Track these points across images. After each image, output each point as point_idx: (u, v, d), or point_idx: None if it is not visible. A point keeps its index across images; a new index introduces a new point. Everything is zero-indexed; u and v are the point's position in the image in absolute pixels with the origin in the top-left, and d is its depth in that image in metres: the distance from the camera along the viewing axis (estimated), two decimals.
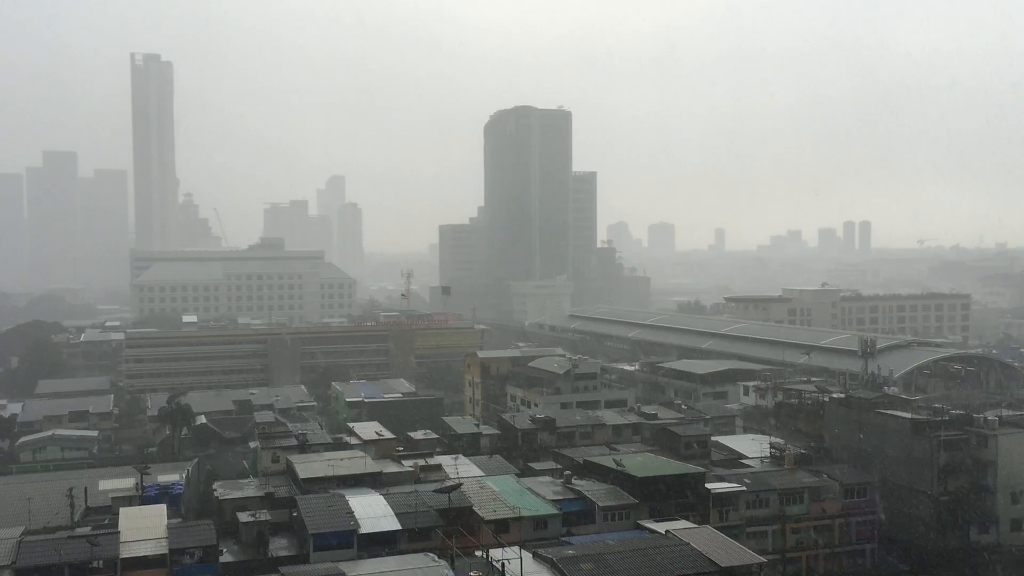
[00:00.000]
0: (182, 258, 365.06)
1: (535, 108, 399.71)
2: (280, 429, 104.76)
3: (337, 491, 78.08)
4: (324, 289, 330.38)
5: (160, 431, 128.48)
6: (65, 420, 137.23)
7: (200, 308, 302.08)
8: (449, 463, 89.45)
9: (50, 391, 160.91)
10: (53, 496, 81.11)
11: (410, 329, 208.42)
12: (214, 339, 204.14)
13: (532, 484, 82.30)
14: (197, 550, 66.88)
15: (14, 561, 63.22)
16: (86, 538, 65.83)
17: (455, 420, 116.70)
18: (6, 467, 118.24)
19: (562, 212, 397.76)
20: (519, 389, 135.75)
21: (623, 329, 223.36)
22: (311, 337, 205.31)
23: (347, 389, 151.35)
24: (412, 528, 71.19)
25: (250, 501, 79.13)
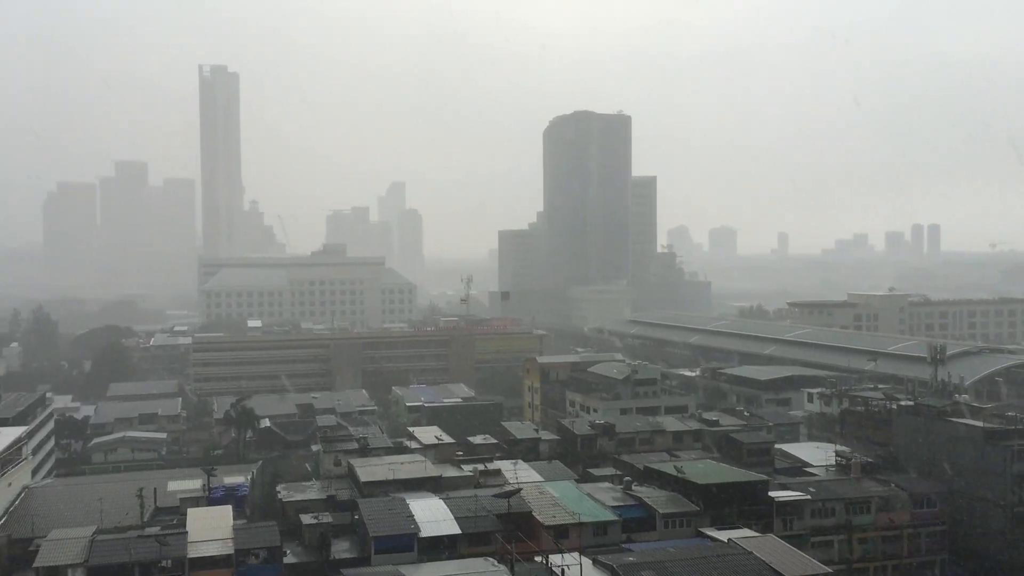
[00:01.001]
0: (248, 264, 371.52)
1: (594, 113, 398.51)
2: (342, 433, 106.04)
3: (397, 495, 78.58)
4: (385, 294, 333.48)
5: (226, 434, 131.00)
6: (135, 422, 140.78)
7: (265, 313, 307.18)
8: (508, 468, 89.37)
9: (121, 394, 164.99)
10: (124, 496, 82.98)
11: (470, 334, 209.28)
12: (278, 344, 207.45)
13: (591, 490, 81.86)
14: (262, 551, 67.96)
15: (87, 559, 64.97)
16: (155, 538, 67.33)
17: (514, 425, 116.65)
18: (79, 468, 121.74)
19: (622, 217, 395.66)
20: (578, 394, 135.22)
21: (683, 334, 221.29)
22: (372, 342, 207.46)
23: (407, 394, 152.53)
24: (472, 532, 71.33)
25: (313, 503, 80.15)
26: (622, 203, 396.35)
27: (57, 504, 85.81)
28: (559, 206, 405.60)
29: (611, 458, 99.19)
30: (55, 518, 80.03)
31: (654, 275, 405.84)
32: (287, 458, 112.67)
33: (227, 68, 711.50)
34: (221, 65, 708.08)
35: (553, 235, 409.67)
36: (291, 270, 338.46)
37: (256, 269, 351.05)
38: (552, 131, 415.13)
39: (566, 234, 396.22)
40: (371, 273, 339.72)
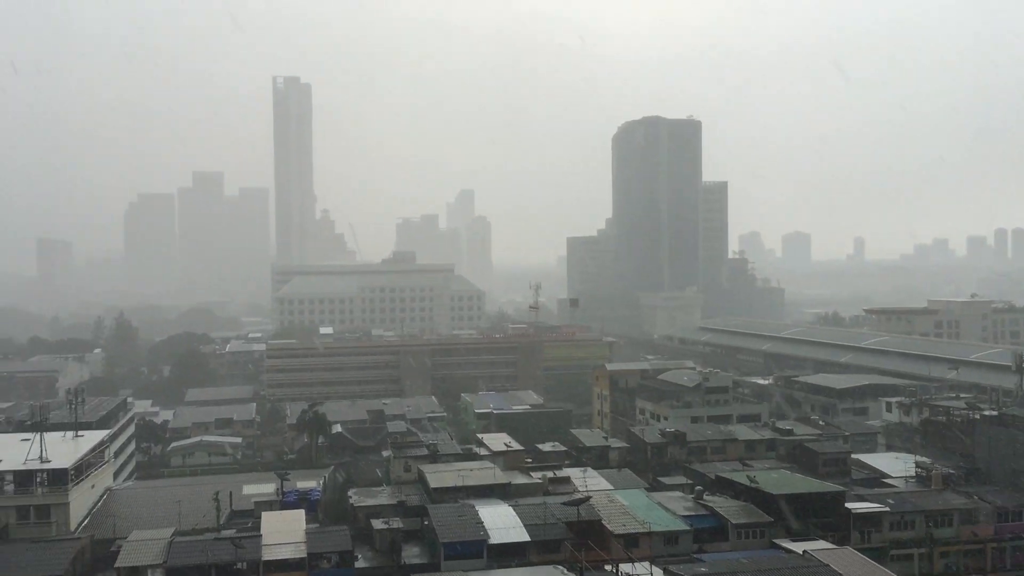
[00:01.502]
0: (319, 272, 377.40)
1: (664, 118, 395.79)
2: (412, 439, 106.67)
3: (467, 501, 78.77)
4: (454, 301, 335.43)
5: (298, 439, 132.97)
6: (212, 427, 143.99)
7: (336, 320, 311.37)
8: (578, 476, 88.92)
9: (198, 399, 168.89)
10: (200, 499, 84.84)
11: (538, 341, 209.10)
12: (349, 350, 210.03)
13: (662, 499, 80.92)
14: (334, 555, 68.72)
15: (165, 560, 66.55)
16: (231, 540, 68.61)
17: (583, 433, 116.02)
18: (158, 471, 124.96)
19: (692, 223, 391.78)
20: (648, 402, 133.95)
21: (756, 342, 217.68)
22: (441, 349, 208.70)
23: (476, 400, 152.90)
24: (541, 540, 71.03)
25: (383, 509, 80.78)
26: (692, 209, 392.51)
27: (137, 506, 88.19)
28: (628, 212, 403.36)
29: (682, 467, 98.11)
30: (135, 519, 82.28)
31: (725, 282, 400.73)
32: (358, 463, 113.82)
33: (300, 79, 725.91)
34: (294, 76, 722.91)
35: (622, 242, 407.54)
36: (362, 278, 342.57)
37: (327, 277, 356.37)
38: (621, 137, 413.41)
39: (635, 240, 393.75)
40: (440, 280, 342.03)
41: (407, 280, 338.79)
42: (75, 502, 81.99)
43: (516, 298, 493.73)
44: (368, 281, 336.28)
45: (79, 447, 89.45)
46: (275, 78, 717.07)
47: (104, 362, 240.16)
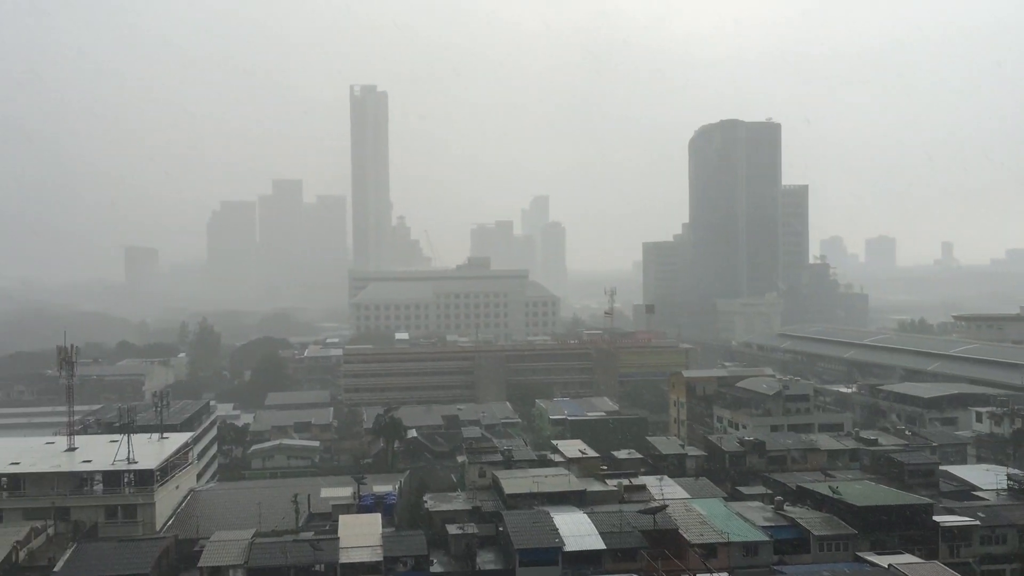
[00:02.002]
0: (395, 278, 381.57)
1: (742, 121, 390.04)
2: (486, 445, 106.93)
3: (542, 508, 78.46)
4: (528, 307, 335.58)
5: (375, 443, 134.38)
6: (291, 430, 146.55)
7: (411, 326, 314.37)
8: (654, 484, 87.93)
9: (277, 403, 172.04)
10: (280, 501, 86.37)
11: (614, 347, 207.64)
12: (424, 356, 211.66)
13: (741, 509, 79.44)
14: (409, 559, 69.17)
15: (247, 561, 67.85)
16: (310, 543, 69.64)
17: (659, 440, 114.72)
18: (239, 473, 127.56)
19: (771, 227, 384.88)
20: (726, 410, 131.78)
21: (838, 349, 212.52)
22: (516, 355, 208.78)
23: (551, 406, 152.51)
24: (617, 548, 70.34)
25: (458, 514, 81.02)
26: (771, 213, 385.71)
27: (219, 507, 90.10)
28: (706, 217, 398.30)
29: (761, 476, 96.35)
30: (218, 520, 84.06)
31: (806, 287, 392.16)
32: (433, 468, 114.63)
33: (376, 87, 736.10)
34: (371, 84, 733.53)
35: (699, 247, 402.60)
36: (437, 283, 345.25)
37: (403, 283, 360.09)
38: (698, 141, 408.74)
39: (713, 246, 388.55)
40: (515, 286, 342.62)
41: (482, 286, 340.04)
42: (160, 502, 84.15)
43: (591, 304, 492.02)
44: (443, 287, 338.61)
45: (164, 449, 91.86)
46: (352, 87, 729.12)
47: (188, 366, 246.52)
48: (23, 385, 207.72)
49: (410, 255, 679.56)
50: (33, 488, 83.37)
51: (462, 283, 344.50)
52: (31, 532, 74.45)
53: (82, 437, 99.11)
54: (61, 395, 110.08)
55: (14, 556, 70.23)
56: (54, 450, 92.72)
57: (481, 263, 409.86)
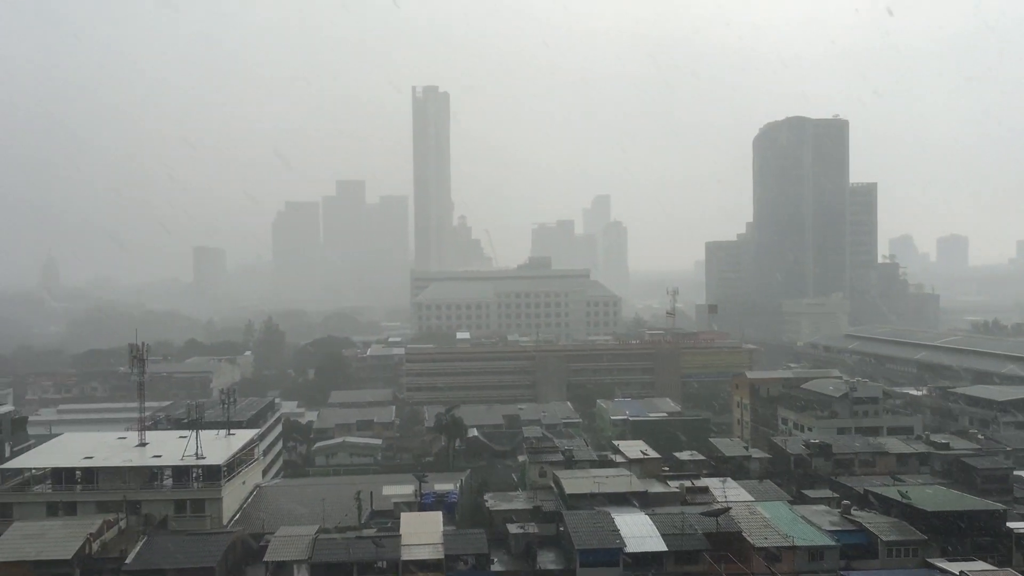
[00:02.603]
0: (456, 278, 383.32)
1: (808, 118, 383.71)
2: (547, 444, 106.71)
3: (602, 508, 78.05)
4: (589, 307, 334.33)
5: (436, 441, 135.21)
6: (353, 428, 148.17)
7: (473, 325, 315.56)
8: (717, 486, 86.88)
9: (341, 401, 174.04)
10: (343, 498, 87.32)
11: (676, 348, 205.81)
12: (485, 355, 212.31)
13: (806, 512, 77.99)
14: (470, 557, 69.37)
15: (310, 556, 68.79)
16: (372, 539, 70.31)
17: (722, 442, 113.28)
18: (303, 469, 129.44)
19: (838, 226, 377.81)
20: (791, 412, 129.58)
21: (907, 351, 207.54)
22: (577, 354, 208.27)
23: (612, 407, 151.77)
24: (679, 550, 69.61)
25: (519, 513, 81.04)
26: (839, 212, 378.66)
27: (284, 503, 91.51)
28: (771, 216, 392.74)
29: (827, 480, 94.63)
30: (282, 516, 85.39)
31: (874, 287, 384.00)
32: (494, 467, 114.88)
33: (438, 88, 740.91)
34: (433, 85, 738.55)
35: (764, 246, 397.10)
36: (498, 283, 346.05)
37: (464, 282, 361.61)
38: (763, 138, 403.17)
39: (778, 245, 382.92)
40: (576, 286, 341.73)
41: (543, 286, 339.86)
42: (227, 497, 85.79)
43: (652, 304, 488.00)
44: (504, 287, 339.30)
45: (231, 445, 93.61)
46: (414, 88, 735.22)
47: (254, 364, 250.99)
48: (97, 382, 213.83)
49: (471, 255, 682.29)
50: (106, 482, 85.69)
51: (523, 283, 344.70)
52: (104, 525, 76.46)
53: (152, 433, 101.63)
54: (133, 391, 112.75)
55: (88, 548, 72.23)
56: (126, 445, 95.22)
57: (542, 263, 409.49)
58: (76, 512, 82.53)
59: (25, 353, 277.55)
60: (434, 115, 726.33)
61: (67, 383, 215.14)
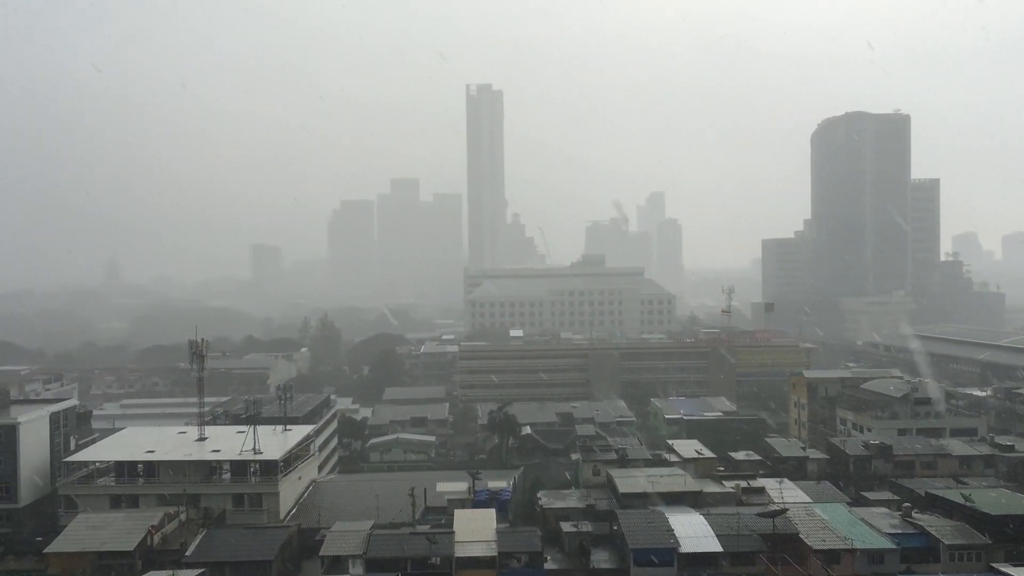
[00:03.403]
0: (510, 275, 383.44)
1: (868, 113, 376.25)
2: (600, 443, 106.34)
3: (656, 508, 77.57)
4: (643, 305, 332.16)
5: (489, 439, 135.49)
6: (407, 425, 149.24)
7: (526, 323, 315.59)
8: (773, 487, 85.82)
9: (395, 398, 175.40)
10: (397, 494, 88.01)
11: (731, 346, 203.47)
12: (539, 353, 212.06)
13: (865, 514, 76.65)
14: (523, 555, 69.40)
15: (365, 551, 69.46)
16: (426, 536, 70.77)
17: (779, 442, 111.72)
18: (358, 465, 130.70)
19: (899, 223, 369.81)
20: (850, 412, 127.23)
21: (972, 350, 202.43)
22: (631, 352, 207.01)
23: (666, 405, 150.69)
24: (734, 551, 68.92)
25: (572, 512, 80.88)
26: (899, 209, 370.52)
27: (339, 498, 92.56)
28: (829, 213, 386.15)
29: (887, 482, 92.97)
30: (338, 511, 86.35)
31: (936, 286, 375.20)
32: (547, 465, 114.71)
33: (492, 86, 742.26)
34: (486, 84, 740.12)
35: (822, 244, 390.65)
36: (551, 281, 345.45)
37: (518, 280, 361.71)
38: (821, 134, 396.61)
39: (836, 242, 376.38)
40: (630, 283, 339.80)
41: (596, 283, 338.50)
42: (284, 492, 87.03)
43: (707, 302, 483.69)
44: (558, 284, 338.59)
45: (288, 440, 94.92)
46: (468, 86, 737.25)
47: (310, 361, 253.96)
48: (158, 377, 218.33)
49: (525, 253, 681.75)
50: (167, 475, 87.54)
51: (577, 280, 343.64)
52: (165, 517, 78.08)
53: (211, 427, 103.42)
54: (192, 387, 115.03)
55: (149, 540, 73.84)
56: (186, 439, 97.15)
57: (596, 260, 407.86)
58: (138, 504, 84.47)
59: (90, 349, 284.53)
60: (488, 113, 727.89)
61: (130, 378, 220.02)
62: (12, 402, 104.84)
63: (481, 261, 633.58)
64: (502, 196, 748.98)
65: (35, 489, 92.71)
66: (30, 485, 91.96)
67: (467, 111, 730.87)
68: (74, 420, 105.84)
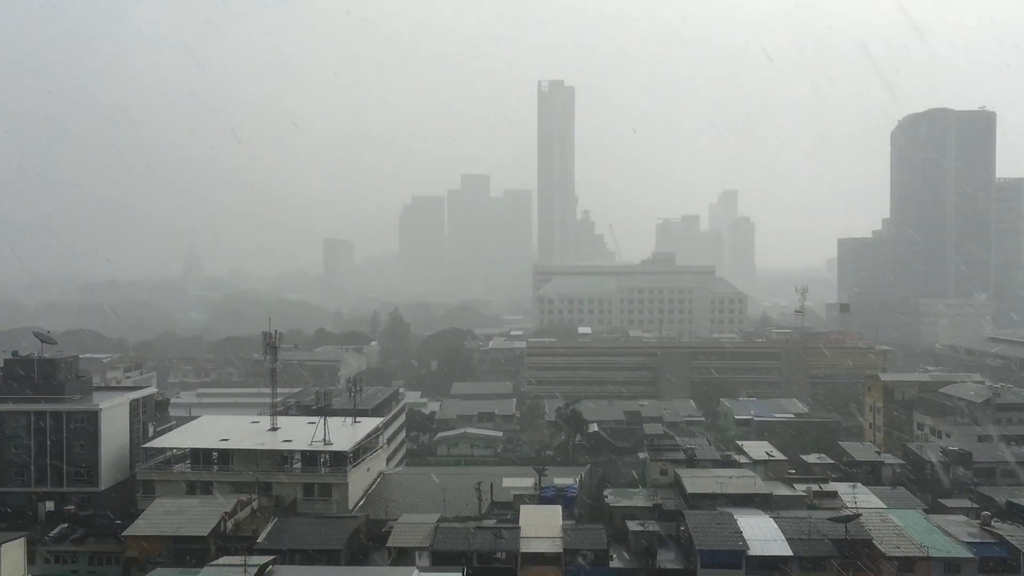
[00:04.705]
0: (579, 272, 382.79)
1: (951, 110, 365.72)
2: (668, 442, 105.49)
3: (725, 509, 76.56)
4: (714, 304, 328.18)
5: (556, 436, 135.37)
6: (475, 420, 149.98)
7: (595, 320, 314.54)
8: (846, 491, 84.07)
9: (462, 393, 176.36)
10: (463, 488, 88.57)
11: (804, 347, 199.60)
12: (607, 350, 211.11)
13: (942, 522, 74.50)
14: (589, 553, 69.19)
15: (432, 544, 70.03)
16: (492, 530, 71.04)
17: (853, 446, 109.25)
18: (425, 459, 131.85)
19: (982, 224, 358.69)
20: (928, 417, 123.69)
21: None
22: (701, 352, 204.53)
23: (736, 406, 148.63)
24: (805, 556, 67.62)
25: (639, 511, 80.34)
26: (983, 209, 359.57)
27: (407, 490, 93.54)
28: (909, 212, 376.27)
29: (967, 489, 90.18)
30: (405, 503, 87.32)
31: (1021, 288, 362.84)
32: (614, 463, 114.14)
33: (563, 82, 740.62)
34: (558, 80, 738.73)
35: (901, 243, 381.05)
36: (620, 278, 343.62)
37: (587, 277, 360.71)
38: (902, 131, 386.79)
39: (916, 242, 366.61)
40: (700, 282, 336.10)
41: (666, 281, 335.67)
42: (353, 483, 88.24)
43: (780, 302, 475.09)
44: (627, 282, 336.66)
45: (357, 432, 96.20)
46: (540, 82, 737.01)
47: (379, 354, 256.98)
48: (233, 367, 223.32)
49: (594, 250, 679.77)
50: (240, 463, 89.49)
51: (646, 278, 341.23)
52: (238, 504, 79.81)
53: (283, 418, 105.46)
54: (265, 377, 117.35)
55: (223, 526, 75.58)
56: (259, 429, 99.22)
57: (666, 258, 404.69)
58: (212, 491, 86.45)
59: (169, 338, 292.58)
60: (559, 109, 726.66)
61: (206, 368, 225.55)
62: (94, 389, 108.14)
63: (550, 258, 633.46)
64: (572, 193, 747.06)
65: (115, 474, 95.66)
66: (110, 469, 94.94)
67: (538, 107, 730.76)
68: (152, 407, 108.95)
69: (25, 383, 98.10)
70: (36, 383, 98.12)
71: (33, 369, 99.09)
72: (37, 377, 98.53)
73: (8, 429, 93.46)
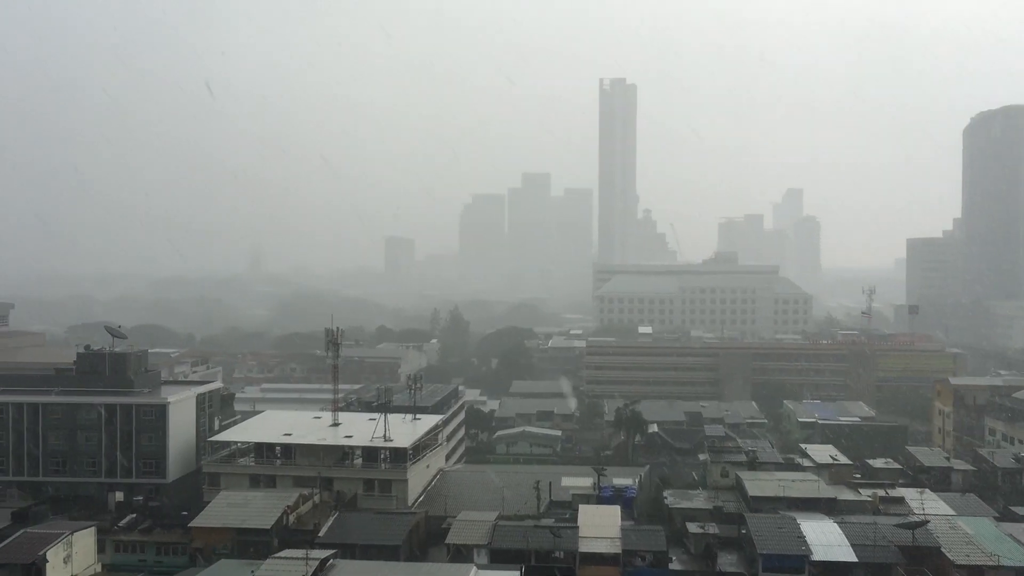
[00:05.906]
0: (640, 271, 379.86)
1: None
2: (730, 444, 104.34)
3: (787, 513, 75.40)
4: (778, 304, 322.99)
5: (615, 436, 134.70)
6: (534, 418, 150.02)
7: (655, 320, 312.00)
8: (914, 497, 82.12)
9: (522, 391, 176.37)
10: (522, 487, 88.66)
11: (871, 349, 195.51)
12: (667, 351, 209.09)
13: (1014, 530, 72.38)
14: (648, 554, 68.79)
15: (490, 542, 70.25)
16: (550, 529, 70.99)
17: (921, 451, 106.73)
18: (484, 456, 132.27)
19: None
20: (1000, 422, 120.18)
21: None
22: (763, 353, 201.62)
23: (800, 408, 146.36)
24: (870, 562, 66.22)
25: (699, 513, 79.55)
26: None
27: (465, 488, 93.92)
28: (981, 211, 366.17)
29: None
30: (464, 500, 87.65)
31: None
32: (674, 465, 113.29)
33: (625, 80, 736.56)
34: (620, 78, 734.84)
35: (973, 243, 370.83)
36: (682, 278, 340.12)
37: (647, 276, 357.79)
38: (974, 129, 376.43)
39: (989, 243, 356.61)
40: (763, 282, 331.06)
41: (729, 281, 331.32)
42: (412, 479, 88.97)
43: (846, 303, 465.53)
44: (688, 281, 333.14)
45: (416, 429, 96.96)
46: (601, 80, 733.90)
47: (439, 352, 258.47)
48: (296, 363, 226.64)
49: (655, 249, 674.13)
50: (302, 458, 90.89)
51: (708, 278, 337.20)
52: (300, 498, 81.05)
53: (344, 414, 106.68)
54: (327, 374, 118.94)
55: (285, 519, 76.83)
56: (320, 424, 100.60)
57: (728, 258, 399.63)
58: (275, 485, 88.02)
59: (234, 334, 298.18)
60: (621, 107, 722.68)
61: (269, 363, 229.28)
62: (163, 383, 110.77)
63: (611, 256, 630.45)
64: (633, 191, 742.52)
65: (182, 466, 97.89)
66: (177, 462, 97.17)
67: (600, 105, 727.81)
68: (218, 402, 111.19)
69: (97, 377, 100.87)
70: (107, 377, 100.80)
71: (104, 363, 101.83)
72: (108, 371, 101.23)
73: (80, 421, 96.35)
